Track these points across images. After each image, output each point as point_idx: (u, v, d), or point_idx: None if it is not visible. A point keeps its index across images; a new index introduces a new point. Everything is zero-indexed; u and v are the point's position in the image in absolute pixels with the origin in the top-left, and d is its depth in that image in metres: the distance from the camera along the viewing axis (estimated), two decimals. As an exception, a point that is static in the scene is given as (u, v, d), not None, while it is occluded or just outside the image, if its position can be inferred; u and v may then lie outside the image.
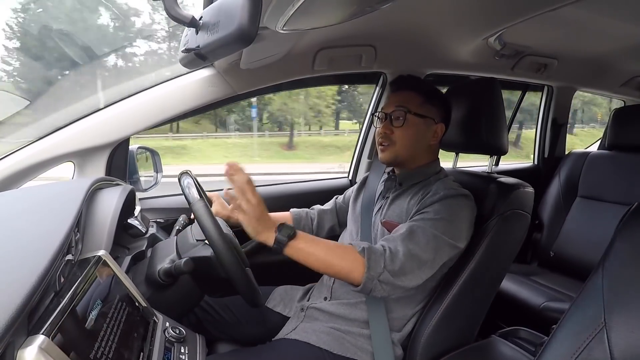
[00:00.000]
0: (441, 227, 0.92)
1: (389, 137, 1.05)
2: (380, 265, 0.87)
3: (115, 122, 1.16)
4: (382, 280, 0.87)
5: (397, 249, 0.89)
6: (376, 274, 0.87)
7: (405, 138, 1.05)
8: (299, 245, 0.88)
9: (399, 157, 1.06)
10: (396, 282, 0.88)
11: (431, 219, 0.94)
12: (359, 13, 0.76)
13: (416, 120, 1.04)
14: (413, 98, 1.05)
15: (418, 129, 1.05)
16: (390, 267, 0.87)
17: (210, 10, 0.75)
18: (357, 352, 0.98)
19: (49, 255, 0.53)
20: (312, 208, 1.33)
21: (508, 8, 1.14)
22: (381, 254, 0.89)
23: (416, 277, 0.90)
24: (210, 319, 1.14)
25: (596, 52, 1.67)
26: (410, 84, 1.09)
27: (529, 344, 1.07)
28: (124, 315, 0.68)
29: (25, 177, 1.08)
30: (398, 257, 0.88)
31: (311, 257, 0.89)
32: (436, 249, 0.91)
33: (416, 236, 0.91)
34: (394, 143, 1.05)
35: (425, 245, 0.90)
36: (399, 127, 1.04)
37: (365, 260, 0.87)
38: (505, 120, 1.16)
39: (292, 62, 1.31)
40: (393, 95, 1.09)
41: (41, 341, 0.46)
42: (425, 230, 0.92)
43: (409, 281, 0.90)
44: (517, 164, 2.41)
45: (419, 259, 0.89)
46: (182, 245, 0.97)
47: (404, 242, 0.90)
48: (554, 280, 1.75)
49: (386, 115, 1.07)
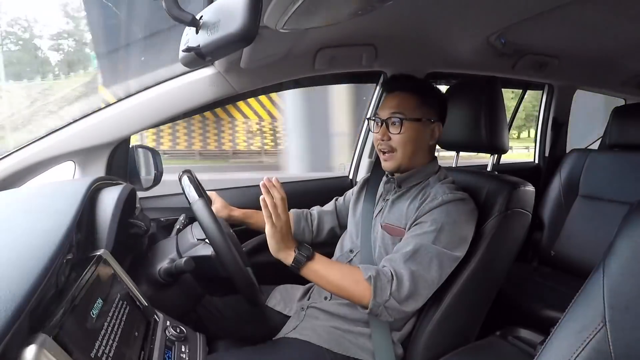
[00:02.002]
0: (443, 240, 0.92)
1: (388, 144, 1.03)
2: (387, 292, 0.88)
3: (116, 122, 1.16)
4: (388, 307, 0.88)
5: (401, 272, 0.89)
6: (382, 301, 0.88)
7: (404, 144, 1.03)
8: (315, 267, 0.90)
9: (402, 164, 1.05)
10: (402, 308, 0.89)
11: (432, 232, 0.93)
12: (359, 12, 0.75)
13: (414, 125, 1.02)
14: (408, 101, 1.03)
15: (416, 133, 1.03)
16: (396, 294, 0.88)
17: (211, 10, 0.75)
18: (358, 351, 0.99)
19: (49, 255, 0.54)
20: (312, 209, 1.32)
21: (509, 6, 1.14)
22: (388, 281, 0.89)
23: (422, 297, 0.91)
24: (211, 317, 1.14)
25: (597, 50, 1.67)
26: (404, 85, 1.06)
27: (529, 343, 1.07)
28: (125, 314, 0.69)
29: (25, 176, 1.08)
30: (404, 283, 0.88)
31: (324, 280, 0.91)
32: (440, 266, 0.91)
33: (419, 256, 0.91)
34: (394, 150, 1.03)
35: (429, 264, 0.90)
36: (396, 134, 1.02)
37: (372, 288, 0.88)
38: (506, 119, 1.16)
39: (292, 61, 1.30)
40: (388, 98, 1.06)
41: (42, 340, 0.46)
42: (428, 248, 0.91)
43: (413, 305, 0.91)
44: (518, 163, 2.41)
45: (424, 280, 0.90)
46: (182, 244, 0.97)
47: (406, 263, 0.90)
48: (554, 279, 1.75)
49: (382, 121, 1.04)
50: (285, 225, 0.88)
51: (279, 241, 0.88)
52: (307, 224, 1.27)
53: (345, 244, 1.15)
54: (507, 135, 1.16)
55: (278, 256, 0.90)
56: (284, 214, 0.87)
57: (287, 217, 0.88)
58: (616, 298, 0.54)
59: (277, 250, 0.89)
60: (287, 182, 1.71)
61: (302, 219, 1.28)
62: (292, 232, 0.91)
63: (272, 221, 0.86)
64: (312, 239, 1.27)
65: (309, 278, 0.91)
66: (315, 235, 1.27)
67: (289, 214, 0.90)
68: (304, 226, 1.27)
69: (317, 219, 1.28)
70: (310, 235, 1.27)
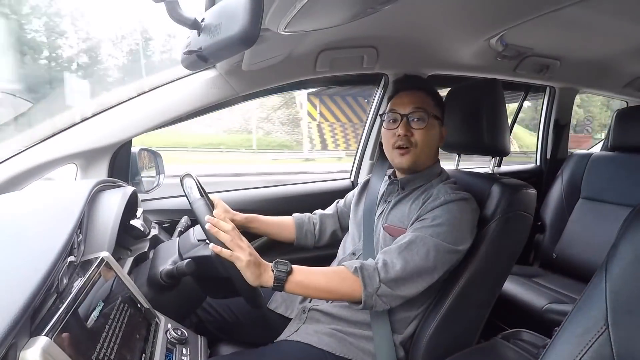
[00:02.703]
0: (442, 234, 0.92)
1: (409, 139, 1.02)
2: (376, 280, 0.88)
3: (118, 124, 1.17)
4: (380, 294, 0.88)
5: (392, 260, 0.90)
6: (374, 290, 0.88)
7: (426, 140, 1.02)
8: (297, 279, 0.87)
9: (419, 161, 1.04)
10: (394, 293, 0.89)
11: (431, 226, 0.93)
12: (360, 14, 0.76)
13: (434, 122, 1.03)
14: (428, 99, 1.04)
15: (435, 131, 1.04)
16: (385, 278, 0.88)
17: (212, 12, 0.75)
18: (359, 354, 0.98)
19: (51, 257, 0.54)
20: (314, 213, 1.32)
21: (510, 9, 1.14)
22: (374, 269, 0.89)
23: (415, 285, 0.91)
24: (212, 320, 1.14)
25: (599, 53, 1.66)
26: (421, 85, 1.08)
27: (531, 346, 1.07)
28: (126, 317, 0.69)
29: (28, 179, 1.08)
30: (393, 267, 0.89)
31: (311, 289, 0.89)
32: (437, 257, 0.91)
33: (415, 246, 0.91)
34: (414, 146, 1.02)
35: (425, 255, 0.90)
36: (419, 129, 1.01)
37: (360, 279, 0.88)
38: (507, 121, 1.16)
39: (294, 63, 1.31)
40: (406, 95, 1.05)
41: (44, 342, 0.46)
42: (424, 240, 0.92)
43: (407, 290, 0.90)
44: (520, 166, 2.41)
45: (418, 268, 0.90)
46: (184, 246, 0.97)
47: (401, 253, 0.91)
48: (556, 282, 1.74)
49: (402, 116, 1.03)
50: (251, 249, 0.84)
51: (254, 269, 0.83)
52: (309, 228, 1.27)
53: (348, 246, 1.15)
54: (508, 137, 1.16)
55: (259, 282, 0.84)
56: (242, 241, 0.83)
57: (247, 242, 0.85)
58: (618, 301, 0.54)
59: (257, 277, 0.83)
60: (289, 184, 1.71)
61: (305, 223, 1.27)
62: (257, 254, 0.86)
63: (238, 255, 0.81)
64: (314, 242, 1.27)
65: (295, 292, 0.88)
66: (317, 239, 1.27)
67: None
68: (306, 230, 1.26)
69: (319, 223, 1.28)
70: (313, 239, 1.27)
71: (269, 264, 0.86)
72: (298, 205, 1.37)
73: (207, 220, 0.83)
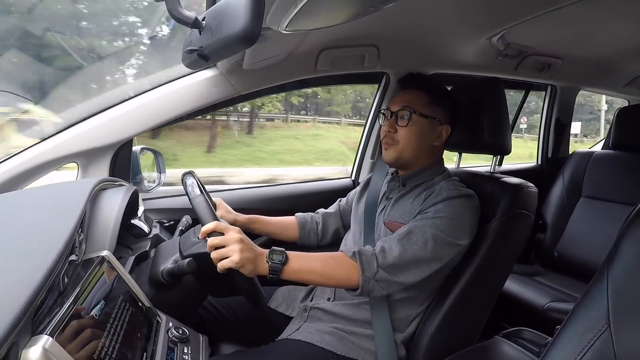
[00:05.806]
0: (441, 226, 0.93)
1: (392, 136, 1.05)
2: (374, 264, 0.89)
3: (119, 123, 1.16)
4: (378, 279, 0.89)
5: (391, 247, 0.91)
6: (371, 275, 0.88)
7: (408, 138, 1.04)
8: (294, 267, 0.86)
9: (402, 157, 1.06)
10: (392, 278, 0.89)
11: (432, 218, 0.94)
12: (361, 13, 0.75)
13: (421, 121, 1.04)
14: (420, 98, 1.05)
15: (422, 130, 1.05)
16: (383, 263, 0.89)
17: (213, 11, 0.75)
18: (361, 353, 0.98)
19: (53, 256, 0.54)
20: (317, 212, 1.33)
21: (511, 8, 1.13)
22: (372, 254, 0.90)
23: (413, 273, 0.91)
24: (213, 319, 1.14)
25: (600, 51, 1.66)
26: (418, 83, 1.09)
27: (532, 344, 1.07)
28: (128, 316, 0.69)
29: (29, 178, 1.08)
30: (391, 253, 0.90)
31: (308, 275, 0.89)
32: (435, 247, 0.91)
33: (414, 236, 0.92)
34: (397, 142, 1.05)
35: (424, 244, 0.91)
36: (403, 127, 1.04)
37: (358, 263, 0.88)
38: (508, 120, 1.16)
39: (294, 62, 1.31)
40: (400, 94, 1.09)
41: (45, 341, 0.46)
42: (423, 230, 0.92)
43: (405, 277, 0.91)
44: (521, 164, 2.41)
45: (416, 256, 0.90)
46: (185, 245, 0.97)
47: (400, 241, 0.92)
48: (557, 280, 1.74)
49: (391, 114, 1.07)
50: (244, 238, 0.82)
51: (251, 260, 0.81)
52: (312, 228, 1.27)
53: (349, 243, 1.16)
54: (509, 136, 1.16)
55: (257, 273, 0.83)
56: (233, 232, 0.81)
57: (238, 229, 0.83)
58: (620, 300, 0.54)
59: (254, 268, 0.82)
60: (290, 184, 1.71)
61: (308, 223, 1.27)
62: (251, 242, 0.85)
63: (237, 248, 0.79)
64: (317, 241, 1.27)
65: (292, 279, 0.87)
66: (320, 237, 1.27)
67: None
68: (309, 229, 1.26)
69: (322, 222, 1.28)
70: (316, 238, 1.27)
71: (263, 252, 0.85)
72: (299, 204, 1.37)
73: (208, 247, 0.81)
